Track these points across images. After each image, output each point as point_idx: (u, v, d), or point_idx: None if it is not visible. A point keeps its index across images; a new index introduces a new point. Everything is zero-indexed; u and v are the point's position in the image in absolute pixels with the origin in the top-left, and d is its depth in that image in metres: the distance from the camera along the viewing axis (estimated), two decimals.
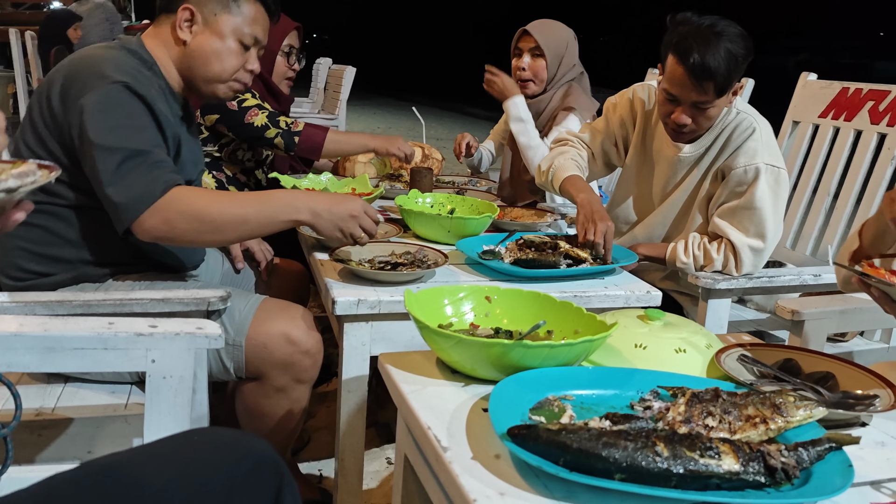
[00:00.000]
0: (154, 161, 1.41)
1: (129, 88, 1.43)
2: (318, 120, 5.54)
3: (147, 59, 1.55)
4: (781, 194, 1.82)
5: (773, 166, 1.80)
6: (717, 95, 1.74)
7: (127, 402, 1.45)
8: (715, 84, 1.71)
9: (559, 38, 2.57)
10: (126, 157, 1.38)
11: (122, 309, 1.36)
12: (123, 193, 1.37)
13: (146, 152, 1.40)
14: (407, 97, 15.10)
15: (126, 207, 1.37)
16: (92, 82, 1.42)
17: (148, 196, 1.37)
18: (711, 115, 1.80)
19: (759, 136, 1.82)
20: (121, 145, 1.39)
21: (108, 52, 1.50)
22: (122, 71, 1.45)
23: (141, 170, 1.39)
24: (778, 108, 2.45)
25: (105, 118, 1.40)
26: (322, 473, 2.01)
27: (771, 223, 1.80)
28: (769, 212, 1.80)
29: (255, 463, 0.87)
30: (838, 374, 1.09)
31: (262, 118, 2.24)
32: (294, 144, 2.26)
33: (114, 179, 1.38)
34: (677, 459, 0.79)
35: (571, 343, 1.02)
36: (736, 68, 1.71)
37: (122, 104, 1.42)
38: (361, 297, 1.42)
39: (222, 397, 2.01)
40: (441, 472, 0.87)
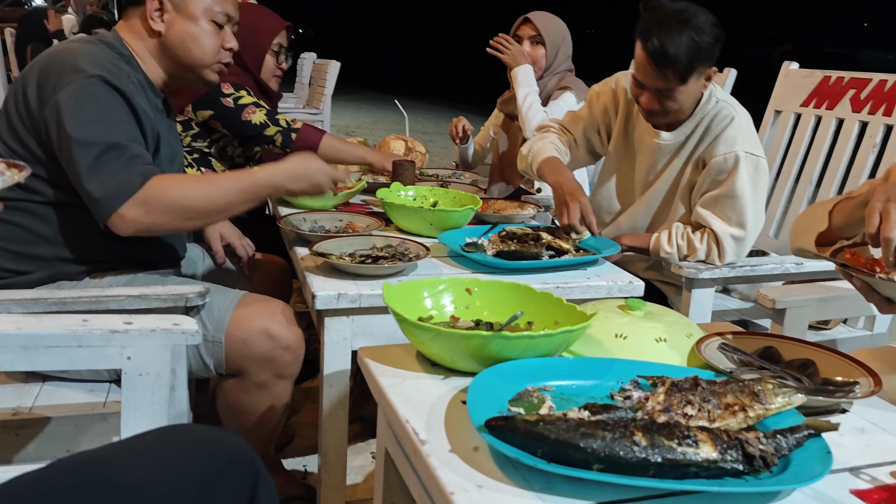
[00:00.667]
0: (131, 154, 1.40)
1: (106, 81, 1.42)
2: (303, 115, 5.51)
3: (125, 53, 1.53)
4: (761, 183, 1.83)
5: (752, 154, 1.80)
6: (680, 82, 1.76)
7: (105, 400, 1.43)
8: (674, 70, 1.73)
9: (558, 29, 2.66)
10: (103, 151, 1.37)
11: (98, 306, 1.34)
12: (101, 188, 1.37)
13: (123, 146, 1.39)
14: (392, 91, 15.07)
15: (105, 201, 1.37)
16: (67, 77, 1.40)
17: (126, 189, 1.37)
18: (679, 100, 1.80)
19: (738, 124, 1.82)
20: (98, 139, 1.38)
21: (85, 47, 1.48)
22: (99, 65, 1.43)
23: (118, 163, 1.38)
24: (763, 97, 2.45)
25: (81, 112, 1.39)
26: (307, 469, 2.00)
27: (751, 211, 1.81)
28: (749, 200, 1.80)
29: (230, 459, 0.85)
30: (818, 362, 1.09)
31: (261, 116, 2.23)
32: (291, 142, 2.26)
33: (91, 174, 1.37)
34: (655, 448, 0.78)
35: (551, 334, 1.01)
36: (699, 55, 1.72)
37: (98, 97, 1.41)
38: (342, 291, 1.41)
39: (205, 395, 2.00)
40: (419, 465, 0.87)
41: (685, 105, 1.83)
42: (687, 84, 1.77)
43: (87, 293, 1.37)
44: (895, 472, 0.86)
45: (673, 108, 1.82)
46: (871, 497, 0.81)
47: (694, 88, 1.80)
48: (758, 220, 1.84)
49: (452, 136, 2.83)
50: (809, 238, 1.32)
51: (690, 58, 1.71)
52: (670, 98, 1.80)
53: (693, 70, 1.74)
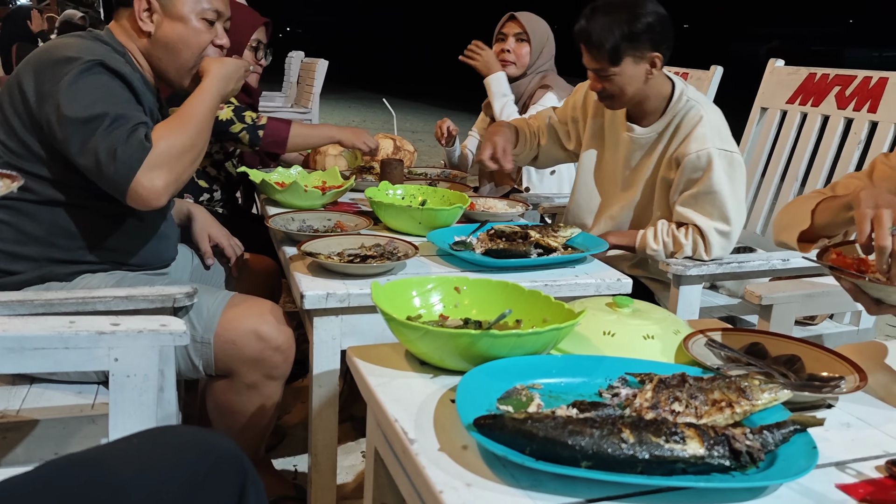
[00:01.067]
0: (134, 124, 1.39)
1: (105, 66, 1.41)
2: (292, 114, 5.49)
3: (119, 50, 1.52)
4: (738, 177, 1.85)
5: (725, 150, 1.83)
6: (611, 64, 1.84)
7: (94, 402, 1.43)
8: (600, 52, 1.83)
9: (544, 29, 2.69)
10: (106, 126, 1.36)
11: (85, 307, 1.33)
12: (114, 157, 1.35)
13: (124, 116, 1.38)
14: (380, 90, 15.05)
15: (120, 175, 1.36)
16: (64, 68, 1.40)
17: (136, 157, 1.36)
18: (619, 83, 1.87)
19: (707, 122, 1.85)
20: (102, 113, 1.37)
21: (78, 41, 1.47)
22: (93, 52, 1.43)
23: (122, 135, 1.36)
24: (750, 95, 2.47)
25: (82, 96, 1.38)
26: (297, 469, 2.00)
27: (732, 205, 1.83)
28: (728, 194, 1.82)
29: (218, 460, 0.85)
30: (804, 357, 1.10)
31: (228, 112, 2.22)
32: (258, 139, 2.25)
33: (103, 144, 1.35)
34: (643, 445, 0.79)
35: (539, 332, 1.01)
36: (626, 38, 1.80)
37: (95, 81, 1.40)
38: (330, 291, 1.41)
39: (195, 395, 1.99)
40: (408, 464, 0.87)
41: (628, 88, 1.88)
42: (620, 66, 1.84)
43: (73, 294, 1.36)
44: (880, 466, 0.87)
45: (614, 90, 1.89)
46: (856, 491, 0.82)
47: (633, 72, 1.85)
48: (740, 213, 1.85)
49: (438, 138, 2.84)
50: (791, 234, 1.33)
51: (615, 40, 1.80)
52: (608, 80, 1.87)
53: (621, 53, 1.82)
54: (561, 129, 2.22)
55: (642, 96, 1.91)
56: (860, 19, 26.65)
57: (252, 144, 2.26)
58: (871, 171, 1.37)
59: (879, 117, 2.02)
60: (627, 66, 1.84)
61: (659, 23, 1.83)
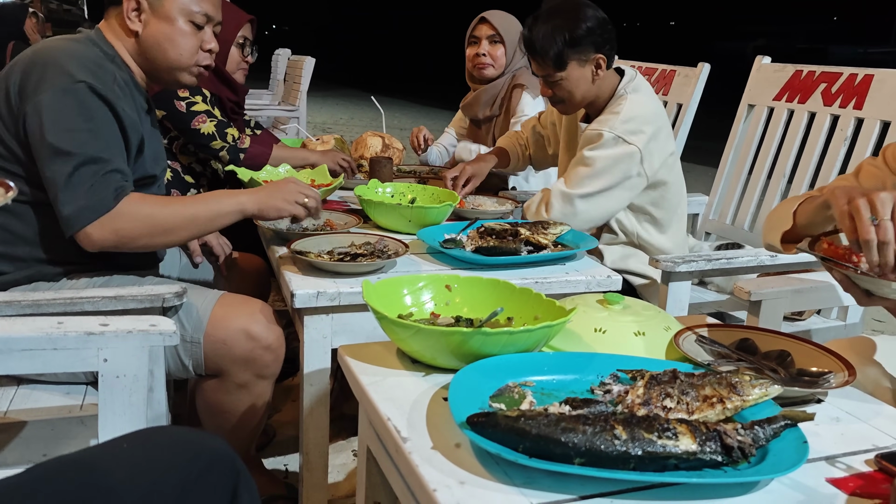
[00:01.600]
0: (110, 169, 1.40)
1: (92, 89, 1.40)
2: (279, 112, 5.47)
3: (109, 52, 1.51)
4: (620, 164, 1.89)
5: (619, 136, 1.88)
6: (556, 69, 1.91)
7: (82, 402, 1.41)
8: (544, 58, 1.90)
9: (516, 27, 2.66)
10: (80, 164, 1.37)
11: (73, 308, 1.32)
12: (74, 201, 1.37)
13: (102, 159, 1.39)
14: (368, 88, 15.03)
15: (75, 215, 1.37)
16: (52, 78, 1.39)
17: (99, 206, 1.38)
18: (567, 87, 1.94)
19: (622, 109, 1.91)
20: (75, 150, 1.37)
21: (71, 45, 1.46)
22: (85, 68, 1.41)
23: (95, 178, 1.38)
24: (736, 91, 2.48)
25: (63, 119, 1.38)
26: (288, 468, 1.99)
27: (595, 180, 1.89)
28: (597, 169, 1.89)
29: (210, 461, 0.85)
30: (794, 353, 1.11)
31: (210, 127, 2.22)
32: (238, 161, 2.26)
33: (66, 185, 1.37)
34: (635, 441, 0.79)
35: (531, 329, 1.01)
36: (569, 43, 1.87)
37: (82, 103, 1.39)
38: (321, 290, 1.40)
39: (185, 395, 1.98)
40: (401, 462, 0.87)
41: (577, 91, 1.95)
42: (566, 71, 1.91)
43: (61, 295, 1.35)
44: (870, 460, 0.88)
45: (564, 95, 1.96)
46: (846, 485, 0.82)
47: (579, 75, 1.93)
48: (606, 195, 1.90)
49: (414, 147, 2.86)
50: (776, 235, 1.34)
51: (558, 46, 1.87)
52: (557, 85, 1.94)
53: (565, 58, 1.89)
54: (543, 134, 2.31)
55: (592, 96, 1.99)
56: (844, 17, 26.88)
57: (231, 163, 2.27)
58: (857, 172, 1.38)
59: (865, 114, 2.04)
60: (573, 70, 1.92)
61: (599, 26, 1.91)
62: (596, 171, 1.89)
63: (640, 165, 1.90)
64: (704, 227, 2.51)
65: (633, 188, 1.94)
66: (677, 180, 2.05)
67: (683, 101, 2.61)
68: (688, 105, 2.59)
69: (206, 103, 2.26)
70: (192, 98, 2.22)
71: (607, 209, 1.95)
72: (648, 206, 2.01)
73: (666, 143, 1.97)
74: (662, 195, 2.01)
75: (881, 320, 3.32)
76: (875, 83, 2.04)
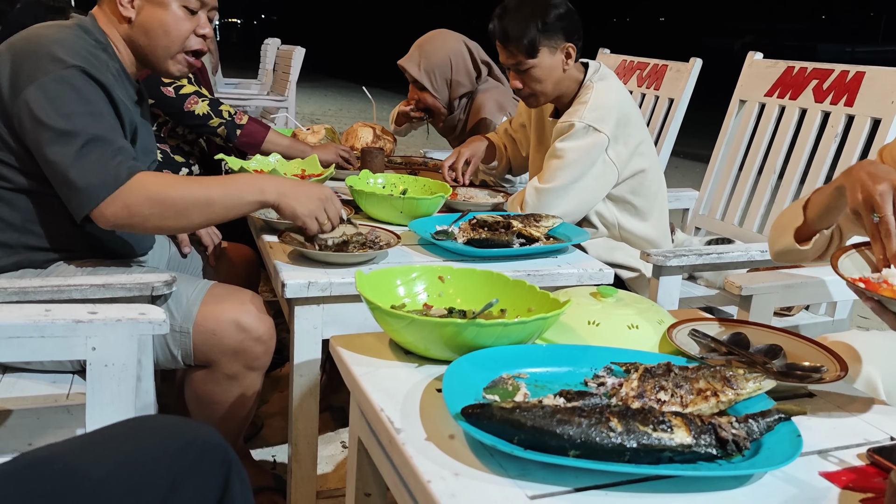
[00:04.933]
0: (117, 147, 1.37)
1: (86, 73, 1.38)
2: (268, 102, 5.43)
3: (101, 41, 1.49)
4: (591, 154, 1.90)
5: (590, 126, 1.89)
6: (528, 57, 1.91)
7: (69, 391, 1.40)
8: (517, 47, 1.90)
9: (438, 61, 2.52)
10: (87, 142, 1.34)
11: (61, 296, 1.30)
12: (85, 178, 1.33)
13: (107, 139, 1.37)
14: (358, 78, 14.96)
15: (88, 193, 1.34)
16: (45, 66, 1.36)
17: (112, 181, 1.34)
18: (538, 76, 1.95)
19: (591, 98, 1.92)
20: (80, 130, 1.34)
21: (62, 33, 1.43)
22: (77, 54, 1.39)
23: (103, 155, 1.35)
24: (724, 87, 2.49)
25: (62, 104, 1.35)
26: (276, 459, 1.98)
27: (566, 172, 1.89)
28: (568, 161, 1.89)
29: (201, 450, 0.84)
30: (785, 347, 1.11)
31: (204, 107, 2.21)
32: (235, 136, 2.26)
33: (75, 163, 1.33)
34: (630, 434, 0.79)
35: (525, 321, 1.01)
36: (538, 30, 1.89)
37: (78, 89, 1.37)
38: (312, 280, 1.39)
39: (171, 385, 1.96)
40: (395, 454, 0.86)
41: (547, 80, 1.96)
42: (538, 58, 1.92)
43: (49, 282, 1.33)
44: (862, 454, 0.88)
45: (536, 86, 1.96)
46: (839, 479, 0.83)
47: (550, 63, 1.94)
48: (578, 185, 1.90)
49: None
50: (788, 235, 1.34)
51: (531, 34, 1.89)
52: (528, 75, 1.94)
53: (537, 44, 1.90)
54: (516, 137, 2.31)
55: (561, 90, 1.99)
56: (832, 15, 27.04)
57: (228, 140, 2.27)
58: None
59: (856, 111, 2.05)
60: (544, 58, 1.92)
61: (568, 14, 1.94)
62: (567, 163, 1.89)
63: (610, 153, 1.91)
64: (694, 222, 2.52)
65: (606, 176, 1.94)
66: (653, 167, 2.05)
67: (675, 95, 2.61)
68: (679, 100, 2.59)
69: (193, 83, 2.24)
70: (177, 81, 2.21)
71: (583, 201, 1.94)
72: (628, 195, 2.01)
73: (636, 130, 1.97)
74: (640, 182, 2.01)
75: (866, 317, 3.35)
76: (866, 80, 2.05)
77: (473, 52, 2.55)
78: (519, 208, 1.95)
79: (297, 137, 2.51)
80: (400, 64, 2.55)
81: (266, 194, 1.42)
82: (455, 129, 2.65)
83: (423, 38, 2.57)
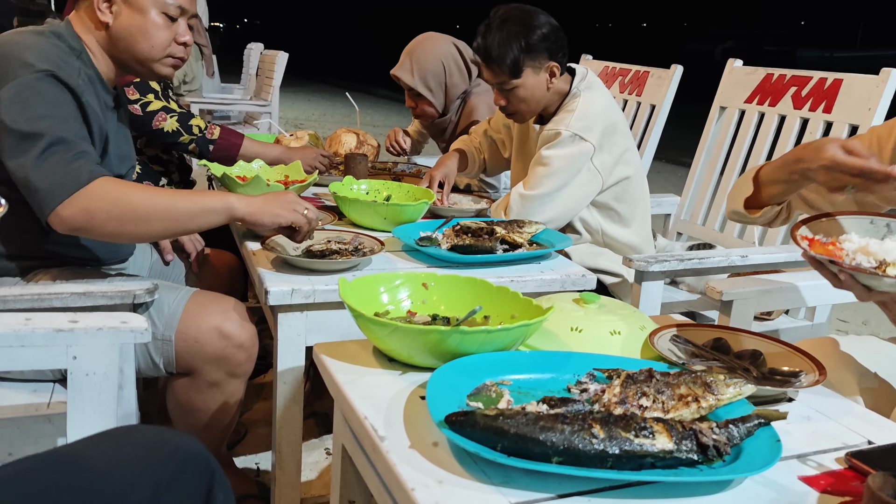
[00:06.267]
0: (79, 150, 1.35)
1: (55, 77, 1.37)
2: (250, 107, 5.42)
3: (76, 47, 1.47)
4: (577, 162, 1.91)
5: (576, 134, 1.90)
6: (512, 77, 1.91)
7: (49, 400, 1.38)
8: (499, 65, 1.90)
9: (431, 67, 2.50)
10: (50, 143, 1.32)
11: (41, 304, 1.29)
12: (45, 179, 1.31)
13: (70, 141, 1.35)
14: (342, 84, 14.95)
15: (47, 193, 1.32)
16: (14, 70, 1.35)
17: (71, 183, 1.32)
18: (522, 95, 1.94)
19: (576, 107, 1.94)
20: (44, 132, 1.33)
21: (34, 39, 1.42)
22: (48, 59, 1.38)
23: (64, 157, 1.33)
24: (705, 92, 2.51)
25: (28, 107, 1.33)
26: (259, 467, 1.97)
27: (551, 179, 1.90)
28: (553, 169, 1.90)
29: (183, 460, 0.83)
30: (765, 352, 1.12)
31: (173, 123, 2.17)
32: (208, 152, 2.22)
33: (36, 165, 1.31)
34: (613, 440, 0.80)
35: (508, 328, 1.02)
36: (523, 49, 1.88)
37: (45, 92, 1.36)
38: (295, 287, 1.39)
39: (154, 393, 1.95)
40: (378, 461, 0.86)
41: (531, 99, 1.96)
42: (522, 78, 1.91)
43: (28, 290, 1.32)
44: (840, 458, 0.89)
45: (521, 105, 1.97)
46: (818, 483, 0.84)
47: (534, 82, 1.94)
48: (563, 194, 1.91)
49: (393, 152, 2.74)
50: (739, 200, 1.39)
51: (514, 54, 1.88)
52: (511, 94, 1.95)
53: (521, 65, 1.90)
54: (497, 138, 2.30)
55: (546, 103, 2.00)
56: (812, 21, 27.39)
57: (201, 156, 2.23)
58: None
59: (834, 118, 2.07)
60: (528, 77, 1.92)
61: (553, 33, 1.93)
62: (553, 171, 1.90)
63: (595, 162, 1.92)
64: (676, 227, 2.53)
65: (590, 184, 1.95)
66: (637, 174, 2.06)
67: (657, 101, 2.63)
68: (661, 106, 2.62)
69: (161, 98, 2.20)
70: (143, 98, 2.15)
71: (567, 208, 1.96)
72: (611, 202, 2.03)
73: (621, 138, 1.99)
74: (624, 189, 2.02)
75: (845, 321, 3.39)
76: (844, 88, 2.07)
77: (463, 53, 2.54)
78: (503, 214, 1.95)
79: (281, 143, 2.50)
80: (393, 73, 2.51)
81: (234, 207, 1.40)
82: (445, 131, 2.64)
83: (412, 45, 2.55)
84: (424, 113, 2.56)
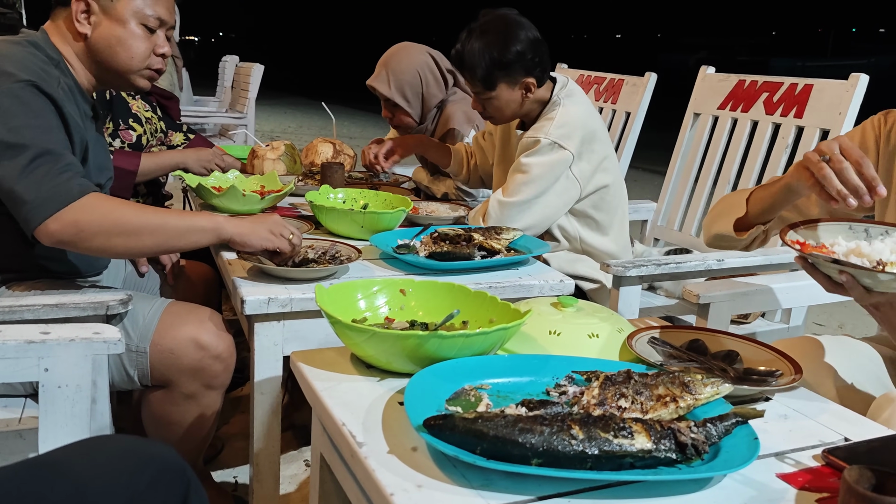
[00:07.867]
0: (66, 163, 1.34)
1: (37, 87, 1.35)
2: (226, 119, 5.39)
3: (54, 57, 1.45)
4: (555, 170, 1.92)
5: (554, 142, 1.91)
6: (485, 87, 1.93)
7: (21, 415, 1.36)
8: (474, 77, 1.92)
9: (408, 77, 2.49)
10: (37, 155, 1.31)
11: (12, 316, 1.27)
12: (33, 192, 1.30)
13: (56, 153, 1.33)
14: (318, 95, 14.92)
15: (35, 206, 1.30)
16: None
17: (62, 197, 1.31)
18: (496, 105, 1.97)
19: (555, 115, 1.95)
20: (29, 143, 1.31)
21: (11, 48, 1.40)
22: (28, 69, 1.36)
23: (52, 170, 1.32)
24: (679, 101, 2.54)
25: (10, 117, 1.32)
26: (237, 480, 1.95)
27: (530, 186, 1.91)
28: (532, 176, 1.91)
29: (159, 470, 0.82)
30: (742, 352, 1.13)
31: None
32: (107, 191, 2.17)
33: (23, 177, 1.30)
34: (592, 441, 0.79)
35: (486, 332, 1.01)
36: (495, 66, 1.89)
37: (28, 103, 1.34)
38: (272, 296, 1.38)
39: (128, 408, 1.92)
40: (357, 467, 0.85)
41: (507, 109, 1.99)
42: (496, 91, 1.93)
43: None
44: (817, 455, 0.90)
45: (496, 113, 2.00)
46: (795, 480, 0.84)
47: (509, 96, 1.96)
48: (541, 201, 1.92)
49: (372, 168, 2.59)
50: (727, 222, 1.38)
51: (487, 67, 1.89)
52: (487, 103, 1.97)
53: (494, 79, 1.91)
54: (484, 145, 2.31)
55: (524, 112, 2.01)
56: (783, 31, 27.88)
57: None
58: None
59: (805, 122, 2.10)
60: (503, 91, 1.94)
61: (530, 49, 1.91)
62: (532, 178, 1.91)
63: (574, 170, 1.93)
64: (653, 233, 2.55)
65: (569, 192, 1.96)
66: (616, 182, 2.07)
67: (631, 109, 2.66)
68: (636, 114, 2.64)
69: None
70: None
71: (545, 216, 1.96)
72: (589, 210, 2.04)
73: (600, 146, 1.99)
74: (602, 197, 2.03)
75: (821, 324, 3.43)
76: (814, 93, 2.11)
77: (439, 62, 2.54)
78: (481, 221, 1.95)
79: (257, 154, 2.49)
80: (369, 84, 2.50)
81: (222, 227, 1.43)
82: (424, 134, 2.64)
83: (388, 55, 2.54)
84: (402, 123, 2.55)
